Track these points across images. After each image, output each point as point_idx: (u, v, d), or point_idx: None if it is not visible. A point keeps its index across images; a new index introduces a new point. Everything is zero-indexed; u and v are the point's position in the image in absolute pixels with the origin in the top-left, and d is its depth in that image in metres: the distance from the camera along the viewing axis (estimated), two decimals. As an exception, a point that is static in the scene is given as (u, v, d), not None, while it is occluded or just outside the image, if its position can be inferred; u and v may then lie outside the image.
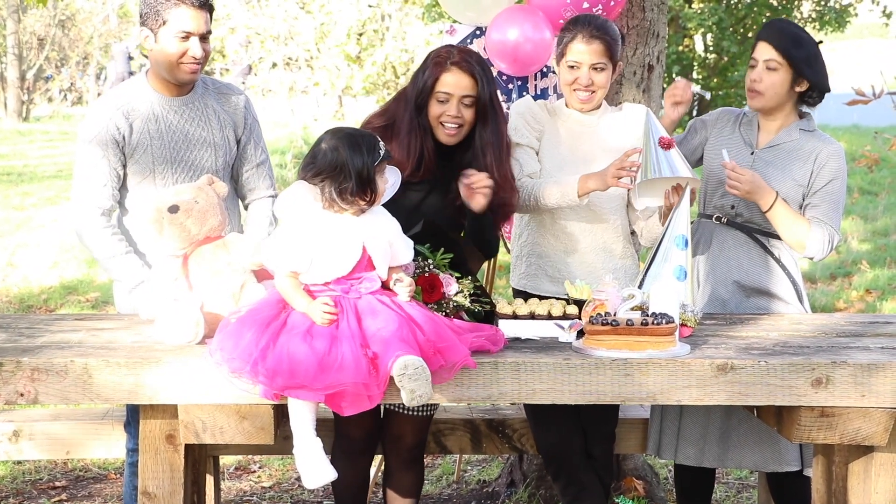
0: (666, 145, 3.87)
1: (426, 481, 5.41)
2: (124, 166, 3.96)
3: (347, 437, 3.77)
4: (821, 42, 4.16)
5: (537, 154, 4.10)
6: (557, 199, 3.95)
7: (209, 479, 4.22)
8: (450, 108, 3.78)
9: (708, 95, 4.76)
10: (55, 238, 11.28)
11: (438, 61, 3.81)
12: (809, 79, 4.08)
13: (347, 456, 3.79)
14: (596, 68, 4.00)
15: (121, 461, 5.44)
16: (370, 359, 3.16)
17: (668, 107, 4.26)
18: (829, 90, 4.16)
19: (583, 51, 3.98)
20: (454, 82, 3.78)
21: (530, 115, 4.11)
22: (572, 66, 4.01)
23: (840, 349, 3.46)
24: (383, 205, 3.47)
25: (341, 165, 3.33)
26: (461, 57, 3.81)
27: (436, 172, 3.83)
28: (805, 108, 4.21)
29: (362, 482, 3.86)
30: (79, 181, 3.96)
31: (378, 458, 4.44)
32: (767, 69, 4.08)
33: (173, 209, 3.54)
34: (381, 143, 3.41)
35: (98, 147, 3.91)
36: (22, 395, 3.21)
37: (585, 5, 4.71)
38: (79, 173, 3.95)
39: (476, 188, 3.70)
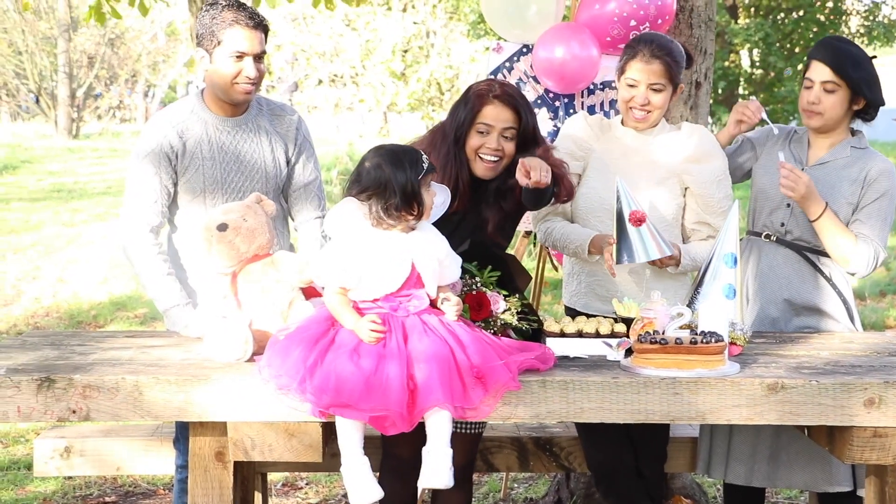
0: (637, 221, 3.75)
1: (473, 499, 5.40)
2: (175, 184, 3.99)
3: (396, 457, 3.78)
4: (874, 57, 4.12)
5: (580, 176, 4.09)
6: (573, 250, 4.07)
7: (257, 497, 4.24)
8: (490, 141, 3.76)
9: (776, 130, 4.66)
10: (105, 254, 11.41)
11: (480, 94, 3.79)
12: (867, 98, 4.05)
13: (396, 474, 3.79)
14: (654, 88, 3.97)
15: (169, 477, 5.48)
16: (411, 391, 3.18)
17: (731, 122, 4.23)
18: (884, 104, 4.13)
19: (641, 69, 3.95)
20: (495, 115, 3.76)
21: (579, 138, 4.10)
22: (631, 85, 3.99)
23: (893, 368, 3.42)
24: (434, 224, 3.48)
25: (385, 182, 3.34)
26: (503, 90, 3.80)
27: (468, 205, 3.82)
28: (859, 125, 4.17)
29: (411, 499, 3.85)
30: (129, 197, 3.99)
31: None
32: (825, 91, 4.04)
33: (222, 227, 3.57)
34: (425, 156, 3.41)
35: (150, 164, 3.95)
36: (74, 412, 3.24)
37: (633, 23, 4.70)
38: (130, 189, 3.99)
39: (533, 181, 3.65)
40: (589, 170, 4.10)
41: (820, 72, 4.05)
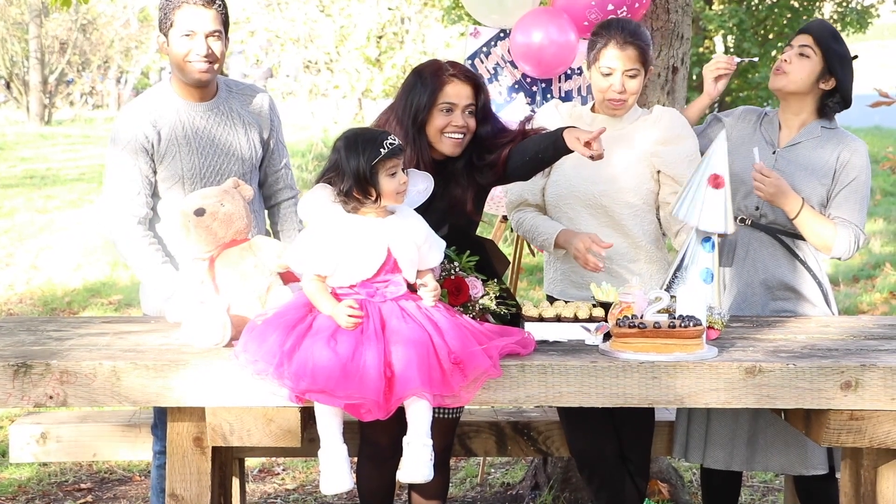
0: (715, 184, 3.72)
1: (450, 484, 5.41)
2: (155, 173, 3.97)
3: (374, 443, 3.77)
4: (856, 57, 4.14)
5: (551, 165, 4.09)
6: (540, 243, 4.10)
7: (235, 482, 4.23)
8: (455, 119, 3.72)
9: (756, 59, 4.73)
10: (78, 241, 11.35)
11: (436, 73, 3.74)
12: (838, 77, 4.07)
13: (374, 461, 3.79)
14: (629, 74, 3.97)
15: (145, 463, 5.47)
16: (388, 378, 3.17)
17: (708, 82, 4.24)
18: (850, 103, 4.15)
19: (616, 56, 3.95)
20: (457, 92, 3.73)
21: (551, 127, 4.09)
22: (606, 74, 3.99)
23: (869, 352, 3.44)
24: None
25: (340, 166, 3.34)
26: (458, 68, 3.77)
27: (435, 188, 3.75)
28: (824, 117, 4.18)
29: (388, 486, 3.85)
30: (112, 191, 3.96)
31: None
32: (800, 55, 4.07)
33: (199, 212, 3.56)
34: (389, 140, 3.35)
35: (129, 156, 3.93)
36: (51, 397, 3.22)
37: (610, 7, 4.70)
38: (111, 183, 3.97)
39: (597, 153, 3.61)
40: (565, 160, 4.09)
41: (800, 38, 4.11)
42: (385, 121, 3.80)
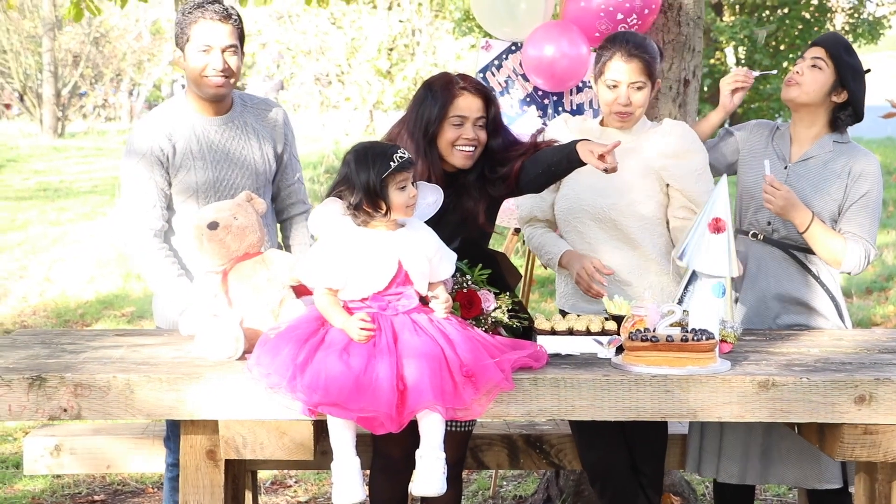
0: (716, 228, 3.67)
1: (462, 496, 5.40)
2: (170, 185, 3.99)
3: (386, 456, 3.77)
4: (868, 70, 4.14)
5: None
6: (546, 261, 4.15)
7: (248, 495, 4.24)
8: (466, 132, 3.73)
9: (774, 71, 4.70)
10: (91, 253, 11.38)
11: (447, 86, 3.76)
12: (850, 89, 4.06)
13: (386, 474, 3.79)
14: (635, 87, 3.98)
15: (158, 475, 5.47)
16: (400, 391, 3.17)
17: (725, 95, 4.23)
18: (862, 116, 4.14)
19: (622, 69, 3.96)
20: (467, 105, 3.73)
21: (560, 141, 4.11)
22: (612, 86, 3.99)
23: (883, 366, 3.44)
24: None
25: (350, 179, 3.35)
26: (468, 81, 3.78)
27: (446, 200, 3.72)
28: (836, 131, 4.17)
29: (401, 498, 3.85)
30: (128, 204, 3.98)
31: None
32: (813, 66, 4.07)
33: (212, 226, 3.57)
34: (399, 154, 3.35)
35: (144, 168, 3.95)
36: (65, 410, 3.23)
37: (620, 16, 4.71)
38: (127, 196, 3.98)
39: (611, 166, 3.61)
40: (574, 174, 4.10)
41: (813, 51, 4.10)
42: (397, 133, 3.81)
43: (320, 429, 3.36)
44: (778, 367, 3.40)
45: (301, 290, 3.62)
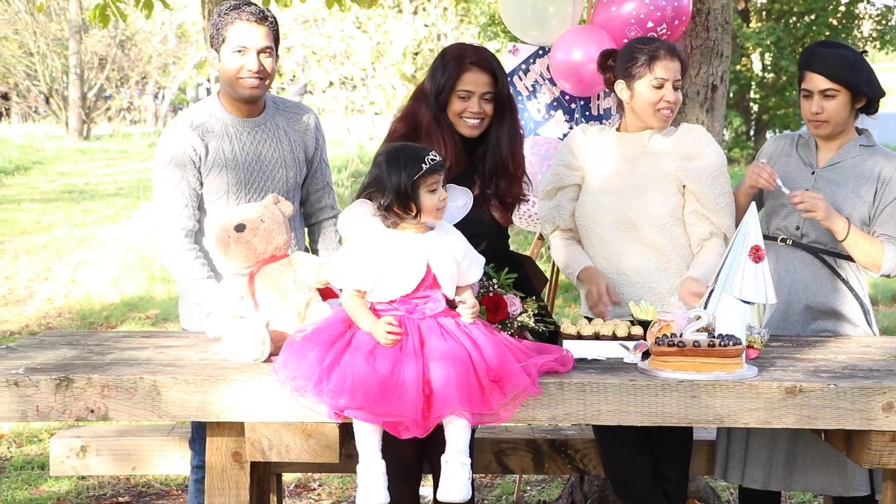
0: (756, 257, 3.59)
1: (486, 501, 5.40)
2: (202, 185, 4.01)
3: (399, 460, 3.73)
4: (864, 52, 4.13)
5: (580, 187, 4.16)
6: (567, 274, 4.20)
7: (272, 498, 4.24)
8: (472, 105, 3.87)
9: (786, 191, 4.56)
10: (116, 255, 11.44)
11: (458, 59, 3.89)
12: (869, 95, 4.05)
13: (398, 475, 3.75)
14: (675, 86, 3.99)
15: (182, 477, 5.49)
16: (426, 396, 3.16)
17: (746, 185, 4.18)
18: (884, 94, 4.12)
19: (669, 67, 3.96)
20: (474, 80, 3.87)
21: (576, 148, 4.16)
22: (658, 86, 3.97)
23: (911, 372, 3.41)
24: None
25: (381, 181, 3.34)
26: (478, 56, 3.90)
27: (466, 166, 3.89)
28: (864, 121, 4.16)
29: (412, 500, 3.84)
30: (160, 204, 4.00)
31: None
32: (825, 97, 4.04)
33: (239, 228, 3.57)
34: (430, 156, 3.34)
35: (176, 169, 3.96)
36: (92, 411, 3.25)
37: (650, 24, 4.70)
38: (159, 196, 4.00)
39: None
40: (588, 178, 4.12)
41: (816, 81, 4.05)
42: (416, 100, 3.97)
43: (346, 431, 3.36)
44: (805, 373, 3.38)
45: (327, 293, 3.63)
